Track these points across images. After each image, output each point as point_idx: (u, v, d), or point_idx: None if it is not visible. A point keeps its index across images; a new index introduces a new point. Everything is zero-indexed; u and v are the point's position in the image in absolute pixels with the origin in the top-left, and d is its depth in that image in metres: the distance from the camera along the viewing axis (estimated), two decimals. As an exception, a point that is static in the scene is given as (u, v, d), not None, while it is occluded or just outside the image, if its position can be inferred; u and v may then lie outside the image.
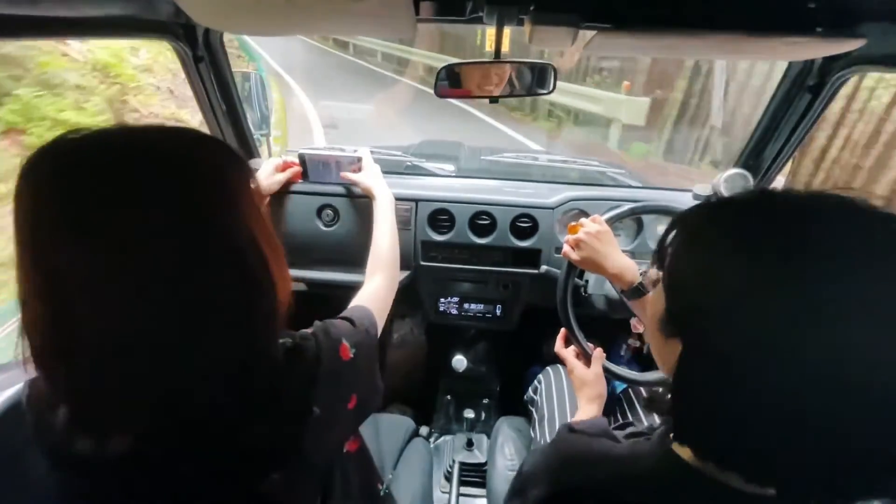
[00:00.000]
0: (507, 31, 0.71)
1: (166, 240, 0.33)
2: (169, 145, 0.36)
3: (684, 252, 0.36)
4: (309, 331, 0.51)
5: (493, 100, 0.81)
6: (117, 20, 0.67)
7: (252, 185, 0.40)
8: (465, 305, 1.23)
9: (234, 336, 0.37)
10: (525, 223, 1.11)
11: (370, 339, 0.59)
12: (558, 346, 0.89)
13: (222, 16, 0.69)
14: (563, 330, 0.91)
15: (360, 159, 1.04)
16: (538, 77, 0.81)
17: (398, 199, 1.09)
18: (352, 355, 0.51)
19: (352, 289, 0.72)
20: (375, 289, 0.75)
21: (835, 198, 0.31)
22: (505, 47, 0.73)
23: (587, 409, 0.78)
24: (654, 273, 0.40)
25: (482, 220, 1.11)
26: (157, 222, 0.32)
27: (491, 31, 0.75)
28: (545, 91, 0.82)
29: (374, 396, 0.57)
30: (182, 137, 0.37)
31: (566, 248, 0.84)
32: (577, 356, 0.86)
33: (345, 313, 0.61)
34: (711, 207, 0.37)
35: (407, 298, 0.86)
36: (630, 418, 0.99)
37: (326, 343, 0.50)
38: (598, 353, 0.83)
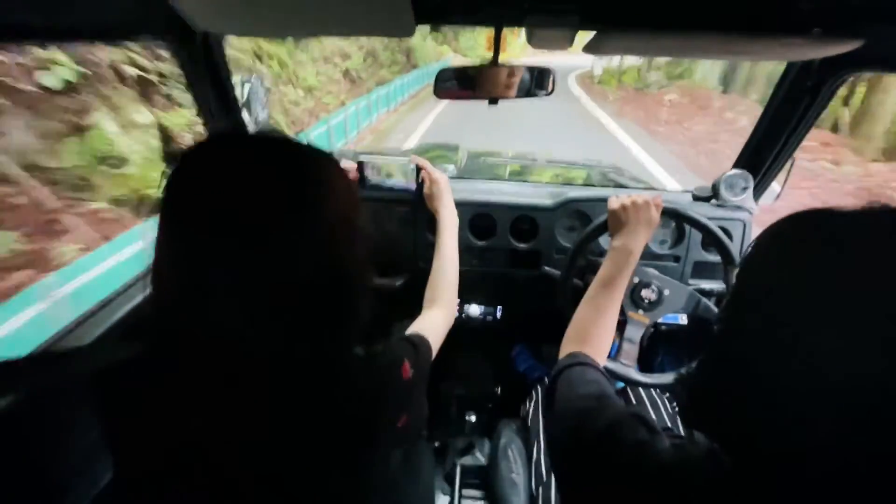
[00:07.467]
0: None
1: (262, 224, 0.37)
2: (274, 148, 0.40)
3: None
4: (379, 347, 0.54)
5: (492, 102, 0.81)
6: (115, 25, 0.67)
7: (348, 180, 0.45)
8: (466, 307, 1.22)
9: (315, 323, 0.40)
10: (525, 225, 1.11)
11: (425, 367, 0.60)
12: None
13: (220, 19, 0.69)
14: None
15: (418, 168, 1.01)
16: (537, 79, 0.81)
17: (396, 200, 1.09)
18: (411, 375, 0.53)
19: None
20: (435, 322, 0.74)
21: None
22: (503, 49, 0.73)
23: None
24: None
25: (482, 222, 1.11)
26: (254, 208, 0.37)
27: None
28: (544, 93, 0.82)
29: (421, 421, 0.59)
30: (284, 142, 0.41)
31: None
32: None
33: (406, 336, 0.63)
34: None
35: (407, 301, 0.85)
36: None
37: (393, 359, 0.52)
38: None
